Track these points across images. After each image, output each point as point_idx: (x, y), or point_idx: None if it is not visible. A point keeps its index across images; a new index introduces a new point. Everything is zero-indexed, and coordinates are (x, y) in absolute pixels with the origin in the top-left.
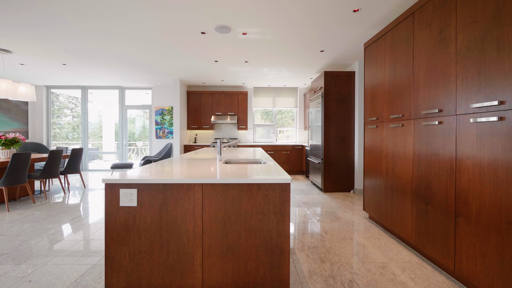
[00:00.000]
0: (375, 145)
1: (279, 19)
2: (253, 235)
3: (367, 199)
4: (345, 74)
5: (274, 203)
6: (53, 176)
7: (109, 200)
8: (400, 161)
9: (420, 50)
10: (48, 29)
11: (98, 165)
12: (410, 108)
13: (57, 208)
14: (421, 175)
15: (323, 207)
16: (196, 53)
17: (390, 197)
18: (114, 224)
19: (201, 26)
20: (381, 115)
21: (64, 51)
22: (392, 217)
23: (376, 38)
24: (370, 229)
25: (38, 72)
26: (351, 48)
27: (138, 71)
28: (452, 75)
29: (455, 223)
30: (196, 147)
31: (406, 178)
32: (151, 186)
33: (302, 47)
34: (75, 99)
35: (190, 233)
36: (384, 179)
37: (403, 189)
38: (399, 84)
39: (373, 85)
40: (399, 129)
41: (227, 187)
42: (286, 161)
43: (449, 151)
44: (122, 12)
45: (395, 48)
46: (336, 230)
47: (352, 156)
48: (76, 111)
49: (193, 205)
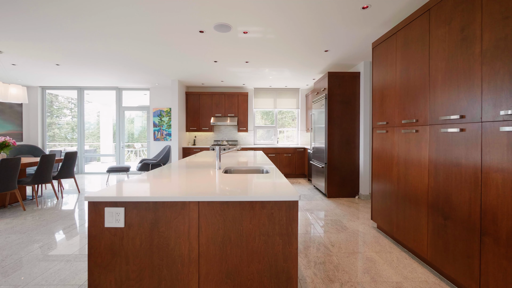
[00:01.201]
0: (384, 151)
1: (282, 18)
2: (256, 260)
3: (375, 208)
4: (349, 75)
5: (280, 223)
6: (45, 181)
7: (93, 220)
8: (414, 170)
9: (438, 50)
10: (41, 30)
11: (96, 167)
12: (426, 113)
13: (48, 216)
14: (438, 187)
15: (328, 215)
16: (195, 53)
17: (402, 207)
18: (98, 248)
19: (199, 25)
20: (392, 120)
21: (58, 52)
22: (404, 229)
23: (386, 37)
24: (380, 241)
25: (31, 73)
26: (356, 47)
27: (135, 71)
28: (476, 77)
29: (481, 243)
30: (195, 149)
31: (421, 188)
32: (141, 204)
33: (305, 47)
34: (74, 99)
35: (184, 258)
36: (395, 188)
37: (417, 200)
38: (413, 86)
39: (382, 87)
40: (413, 135)
41: (226, 205)
42: (287, 164)
43: (473, 162)
44: (117, 12)
45: (408, 48)
46: (343, 242)
47: (357, 160)
48: (76, 111)
49: (188, 225)
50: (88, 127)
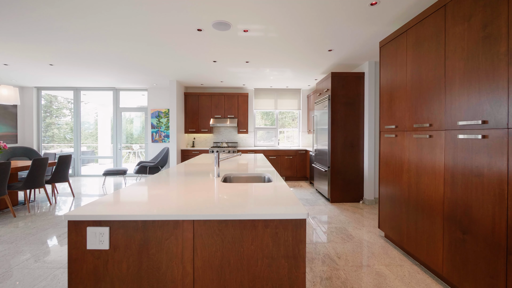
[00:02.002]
0: (393, 156)
1: (284, 15)
2: (259, 285)
3: (383, 216)
4: (353, 75)
5: (286, 244)
6: (38, 186)
7: (73, 241)
8: (427, 178)
9: (455, 49)
10: (33, 30)
11: (93, 169)
12: (441, 117)
13: (39, 223)
14: (456, 198)
15: (332, 222)
16: (193, 53)
17: (413, 217)
18: (79, 273)
19: (197, 23)
20: (402, 123)
21: (51, 52)
22: (416, 240)
23: (395, 36)
24: (389, 252)
25: (26, 73)
26: (361, 47)
27: (131, 72)
28: (502, 79)
29: (507, 262)
30: (194, 152)
31: (436, 198)
32: (128, 223)
33: (308, 46)
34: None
35: (178, 283)
36: (405, 196)
37: (431, 210)
38: (426, 88)
39: (390, 89)
40: (426, 140)
41: (225, 223)
42: (289, 166)
43: (498, 172)
44: (111, 12)
45: (420, 47)
46: (350, 254)
47: (362, 164)
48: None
49: (181, 247)
50: (88, 127)
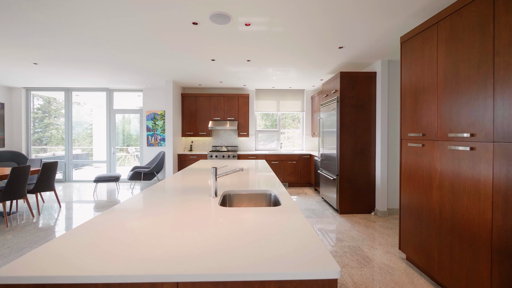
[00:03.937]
0: (419, 169)
1: (291, 7)
2: None
3: (405, 236)
4: (364, 75)
5: None
6: (18, 197)
7: None
8: (467, 199)
9: (509, 42)
10: (19, 32)
11: (87, 173)
12: (488, 126)
13: (15, 240)
14: (511, 227)
15: (344, 239)
16: (188, 50)
17: (448, 243)
18: None
19: (192, 14)
20: (431, 131)
21: (36, 51)
22: (451, 272)
23: (421, 29)
24: (415, 281)
25: (10, 72)
26: (375, 43)
27: (124, 72)
28: None
29: None
30: (192, 156)
31: (481, 224)
32: (80, 287)
33: (316, 43)
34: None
35: None
36: (436, 217)
37: (474, 239)
38: (465, 90)
39: (415, 91)
40: (465, 153)
41: (223, 286)
42: (292, 172)
43: None
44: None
45: (456, 41)
46: (369, 283)
47: (373, 171)
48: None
49: None
50: (85, 127)
